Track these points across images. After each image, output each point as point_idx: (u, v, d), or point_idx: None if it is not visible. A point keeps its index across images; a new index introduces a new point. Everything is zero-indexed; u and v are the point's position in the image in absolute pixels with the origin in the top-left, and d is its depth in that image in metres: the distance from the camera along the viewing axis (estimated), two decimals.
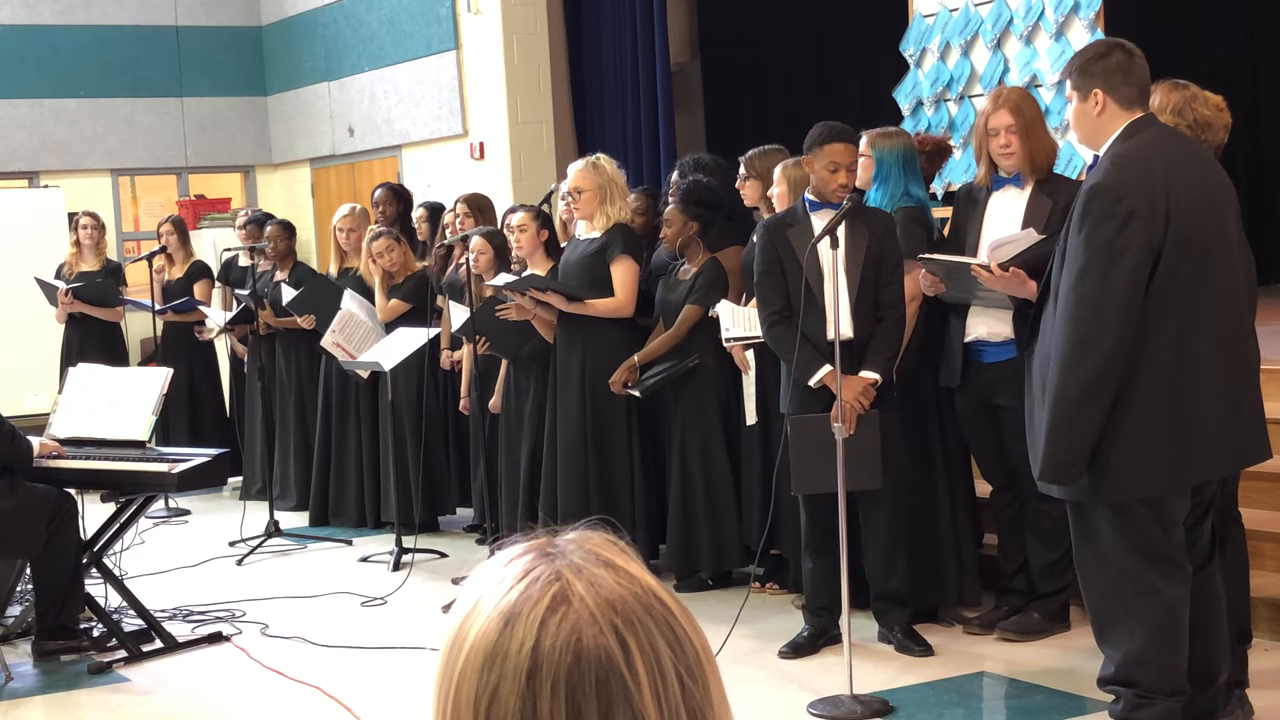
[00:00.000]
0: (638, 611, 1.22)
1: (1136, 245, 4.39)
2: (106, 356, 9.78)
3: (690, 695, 1.22)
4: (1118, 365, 4.41)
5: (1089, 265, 4.44)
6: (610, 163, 7.43)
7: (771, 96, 12.89)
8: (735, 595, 6.81)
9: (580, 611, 1.21)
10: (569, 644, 1.19)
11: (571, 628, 1.20)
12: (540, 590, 1.23)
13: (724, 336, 6.69)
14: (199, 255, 11.48)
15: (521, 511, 7.74)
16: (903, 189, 6.36)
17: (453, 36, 12.57)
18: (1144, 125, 4.60)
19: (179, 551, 8.87)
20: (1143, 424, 4.45)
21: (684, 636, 1.24)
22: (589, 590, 1.22)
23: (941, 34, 9.25)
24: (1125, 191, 4.44)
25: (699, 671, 1.23)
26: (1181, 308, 4.44)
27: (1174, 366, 4.44)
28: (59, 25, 14.35)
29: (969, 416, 6.23)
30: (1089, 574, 4.69)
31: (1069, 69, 4.74)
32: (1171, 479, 4.51)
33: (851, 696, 5.45)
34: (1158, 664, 4.58)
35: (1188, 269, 4.44)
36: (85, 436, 6.86)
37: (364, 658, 6.56)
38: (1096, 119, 4.63)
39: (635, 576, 1.25)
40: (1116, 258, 4.40)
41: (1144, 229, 4.40)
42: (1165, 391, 4.44)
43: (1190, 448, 4.47)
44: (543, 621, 1.20)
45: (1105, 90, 4.60)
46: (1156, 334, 4.43)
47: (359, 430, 9.25)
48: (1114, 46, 4.70)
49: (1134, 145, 4.55)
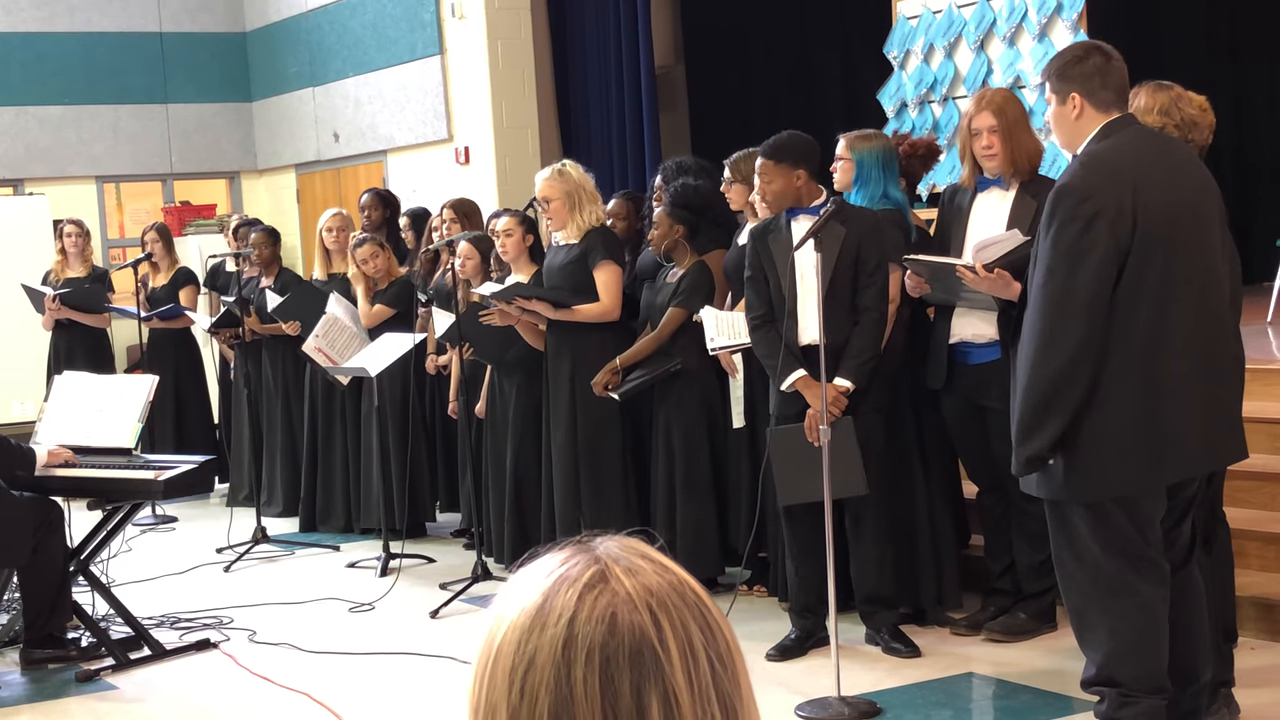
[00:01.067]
0: (672, 596, 1.26)
1: (1101, 246, 4.41)
2: (93, 363, 9.78)
3: (720, 680, 1.25)
4: (1084, 364, 4.43)
5: (1054, 266, 4.47)
6: (576, 168, 7.40)
7: (756, 99, 12.90)
8: (722, 598, 6.82)
9: (618, 589, 1.25)
10: (604, 616, 1.23)
11: (608, 603, 1.24)
12: (579, 571, 1.27)
13: (709, 346, 6.68)
14: (184, 262, 11.46)
15: (509, 515, 7.74)
16: (881, 191, 6.37)
17: (437, 41, 12.57)
18: (1119, 126, 4.61)
19: (166, 558, 8.86)
20: (1116, 424, 4.47)
21: (715, 625, 1.27)
22: (626, 574, 1.26)
23: (925, 36, 9.27)
24: (1090, 192, 4.46)
25: (729, 660, 1.27)
26: (1152, 308, 4.45)
27: (1146, 367, 4.45)
28: (43, 32, 14.33)
29: (955, 418, 6.24)
30: (1068, 575, 4.71)
31: (1047, 72, 4.77)
32: (1145, 478, 4.52)
33: (839, 698, 5.46)
34: (1139, 663, 4.59)
35: (1156, 270, 4.45)
36: (72, 444, 6.85)
37: (352, 663, 6.55)
38: (1074, 122, 4.65)
39: (670, 568, 1.29)
40: (1081, 258, 4.42)
41: (1109, 230, 4.41)
42: (1137, 391, 4.46)
43: (1164, 447, 4.49)
44: (580, 596, 1.24)
45: (1082, 93, 4.62)
46: (1127, 334, 4.45)
47: (345, 435, 9.25)
48: (1091, 49, 4.72)
49: (1105, 146, 4.57)
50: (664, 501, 7.13)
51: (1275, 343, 8.43)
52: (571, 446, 7.26)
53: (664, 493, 7.13)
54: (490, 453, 7.97)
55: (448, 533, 9.19)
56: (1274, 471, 6.52)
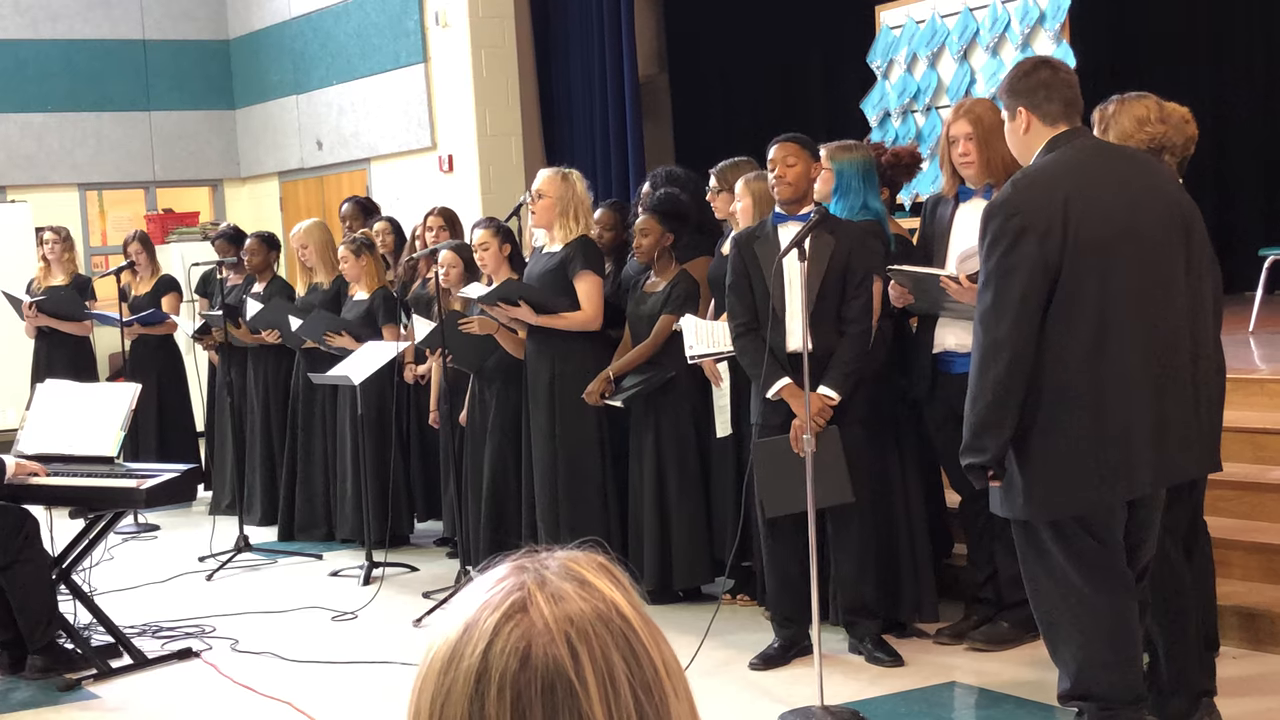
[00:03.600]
0: (594, 624, 1.23)
1: (1028, 261, 4.42)
2: (75, 371, 9.74)
3: (644, 711, 1.22)
4: (1018, 377, 4.43)
5: (986, 282, 4.51)
6: (581, 181, 7.41)
7: (739, 108, 12.92)
8: (706, 608, 6.82)
9: (535, 620, 1.22)
10: (517, 649, 1.21)
11: (522, 634, 1.21)
12: (500, 598, 1.25)
13: (688, 354, 6.67)
14: (167, 269, 11.44)
15: (485, 523, 7.73)
16: (861, 201, 6.38)
17: (421, 50, 12.58)
18: (1064, 140, 4.61)
19: (148, 567, 8.83)
20: (1064, 442, 4.46)
21: (642, 653, 1.24)
22: (548, 602, 1.23)
23: (908, 46, 9.30)
24: (1017, 208, 4.47)
25: (656, 689, 1.24)
26: (1090, 326, 4.43)
27: (1091, 383, 4.44)
28: (25, 39, 14.31)
29: (938, 427, 6.24)
30: (1038, 590, 4.71)
31: (999, 90, 4.79)
32: (1099, 496, 4.51)
33: (822, 707, 5.46)
34: (1112, 674, 4.60)
35: (1094, 283, 4.43)
36: (53, 453, 6.82)
37: (334, 672, 6.54)
38: (1024, 136, 4.67)
39: (601, 593, 1.26)
40: (1009, 275, 4.44)
41: (1037, 245, 4.42)
42: (1084, 409, 4.45)
43: (1114, 464, 4.47)
44: (496, 628, 1.22)
45: (1028, 107, 4.63)
46: (1068, 351, 4.44)
47: (325, 444, 9.23)
48: (1039, 64, 4.74)
49: (1043, 162, 4.58)
50: (651, 510, 7.12)
51: (1258, 352, 8.45)
52: (551, 455, 7.25)
53: (651, 501, 7.12)
54: (470, 461, 7.97)
55: (430, 541, 9.18)
56: (1255, 481, 6.54)
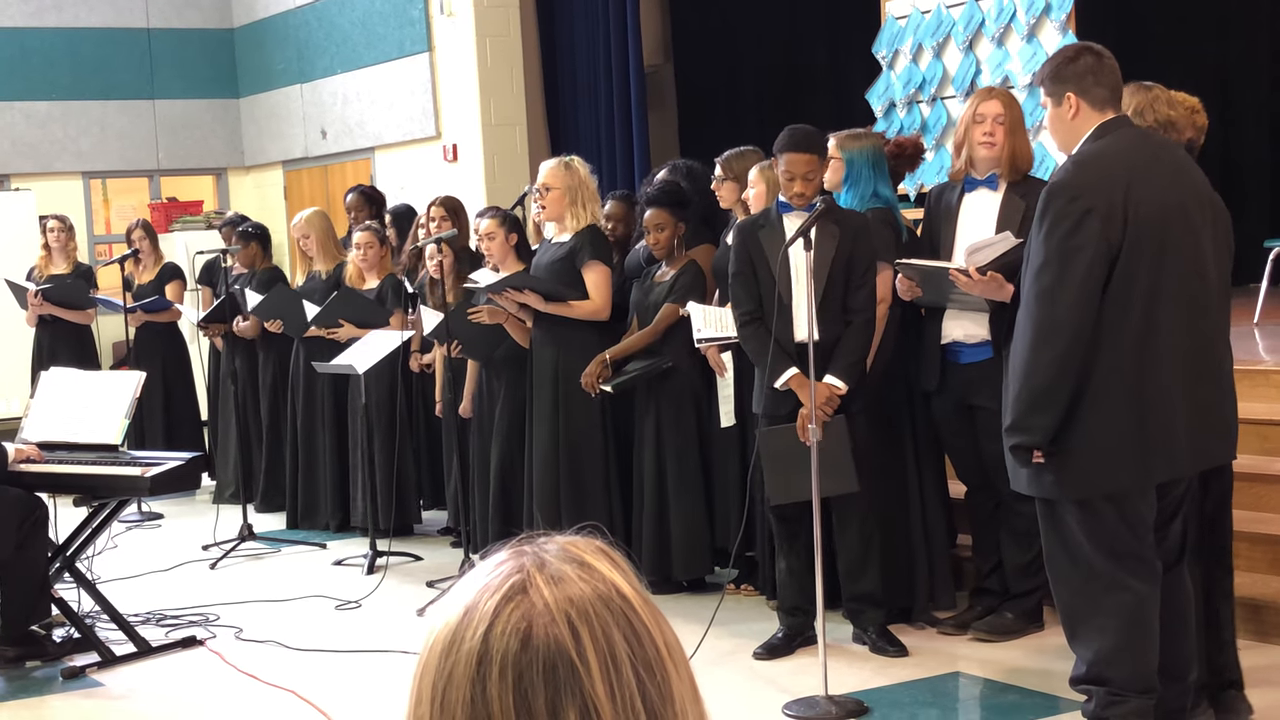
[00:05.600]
0: (594, 604, 1.23)
1: (1092, 243, 4.43)
2: (78, 359, 9.74)
3: (647, 690, 1.22)
4: (1076, 358, 4.46)
5: (1046, 263, 4.50)
6: (584, 166, 7.40)
7: (744, 98, 12.90)
8: (710, 597, 6.81)
9: (535, 601, 1.22)
10: (517, 630, 1.21)
11: (522, 615, 1.21)
12: (500, 581, 1.24)
13: (695, 338, 6.69)
14: (170, 258, 11.43)
15: (493, 514, 7.73)
16: (872, 190, 6.37)
17: (425, 39, 12.56)
18: (1114, 126, 4.63)
19: (152, 555, 8.83)
20: (1106, 422, 4.49)
21: (643, 632, 1.24)
22: (548, 584, 1.23)
23: (914, 36, 9.27)
24: (1082, 190, 4.48)
25: (658, 667, 1.23)
26: (1142, 308, 4.47)
27: (1136, 366, 4.48)
28: (29, 27, 14.29)
29: (945, 417, 6.24)
30: (1059, 573, 4.72)
31: (1041, 76, 4.77)
32: (1135, 477, 4.54)
33: (826, 697, 5.46)
34: (1129, 662, 4.60)
35: (1147, 270, 4.47)
36: (58, 440, 6.82)
37: (339, 661, 6.54)
38: (1071, 122, 4.66)
39: (601, 574, 1.26)
40: (1072, 255, 4.44)
41: (1100, 227, 4.44)
42: (1128, 390, 4.48)
43: (1153, 446, 4.51)
44: (496, 610, 1.22)
45: (1077, 93, 4.63)
46: (1118, 333, 4.47)
47: (329, 433, 9.22)
48: (1083, 50, 4.74)
49: (1099, 146, 4.59)
50: (653, 500, 7.11)
51: (1263, 344, 8.43)
52: (554, 443, 7.24)
53: (653, 491, 7.12)
54: (476, 450, 7.96)
55: (435, 530, 9.18)
56: (1262, 472, 6.53)
